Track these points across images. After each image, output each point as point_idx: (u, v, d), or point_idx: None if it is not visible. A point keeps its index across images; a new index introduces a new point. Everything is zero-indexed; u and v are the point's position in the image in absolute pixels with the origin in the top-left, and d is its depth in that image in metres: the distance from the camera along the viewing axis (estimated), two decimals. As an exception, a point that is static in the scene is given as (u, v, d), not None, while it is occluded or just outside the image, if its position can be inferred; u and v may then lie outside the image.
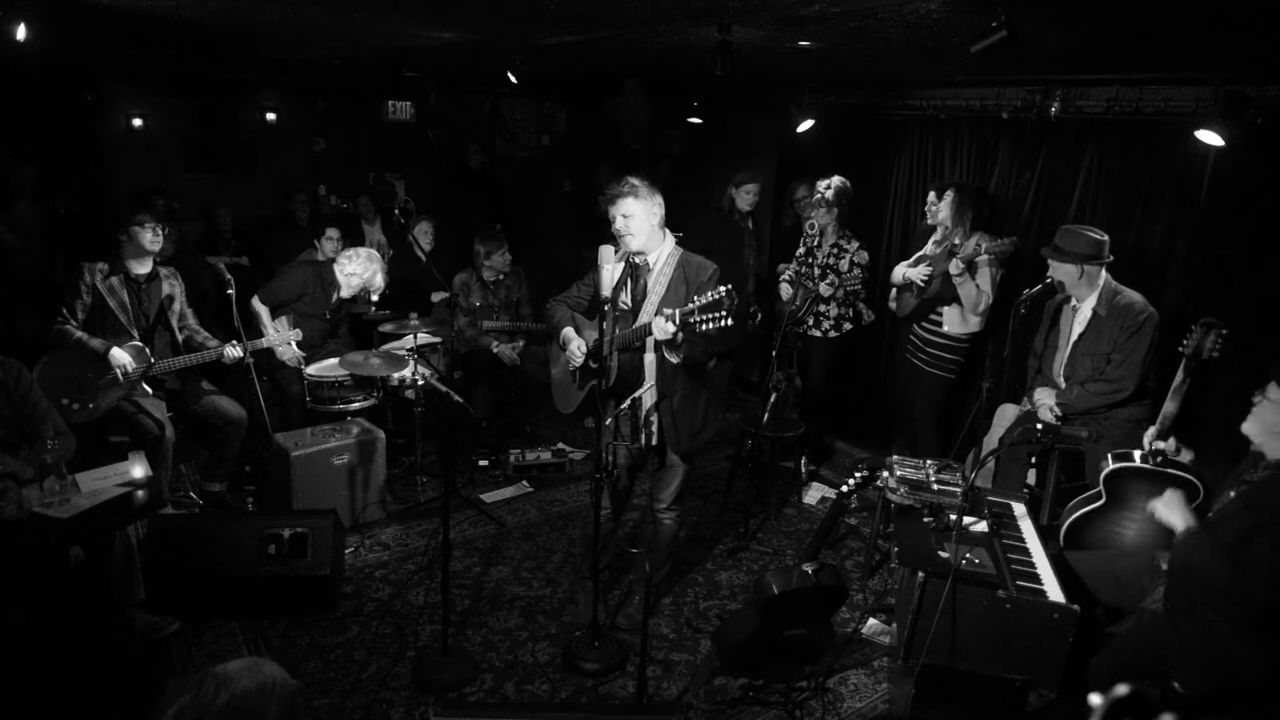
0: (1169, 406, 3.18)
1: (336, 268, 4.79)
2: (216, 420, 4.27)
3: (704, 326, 2.90)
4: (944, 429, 4.84)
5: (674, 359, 3.11)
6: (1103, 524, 3.29)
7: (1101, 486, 3.29)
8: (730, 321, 2.88)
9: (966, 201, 4.48)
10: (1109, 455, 3.31)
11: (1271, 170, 3.71)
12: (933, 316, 4.65)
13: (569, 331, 3.38)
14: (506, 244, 5.37)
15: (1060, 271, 3.66)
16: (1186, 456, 3.10)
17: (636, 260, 3.26)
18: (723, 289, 2.90)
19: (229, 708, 1.44)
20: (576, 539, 4.18)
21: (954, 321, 4.56)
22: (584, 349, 3.31)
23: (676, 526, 3.63)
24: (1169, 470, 3.12)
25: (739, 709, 3.17)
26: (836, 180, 4.80)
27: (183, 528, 3.69)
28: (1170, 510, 2.66)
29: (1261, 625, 2.35)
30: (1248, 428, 2.63)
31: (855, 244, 4.83)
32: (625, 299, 3.29)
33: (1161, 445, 3.13)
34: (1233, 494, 2.66)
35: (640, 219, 3.15)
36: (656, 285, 3.23)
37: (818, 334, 4.94)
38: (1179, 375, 3.19)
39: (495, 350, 5.22)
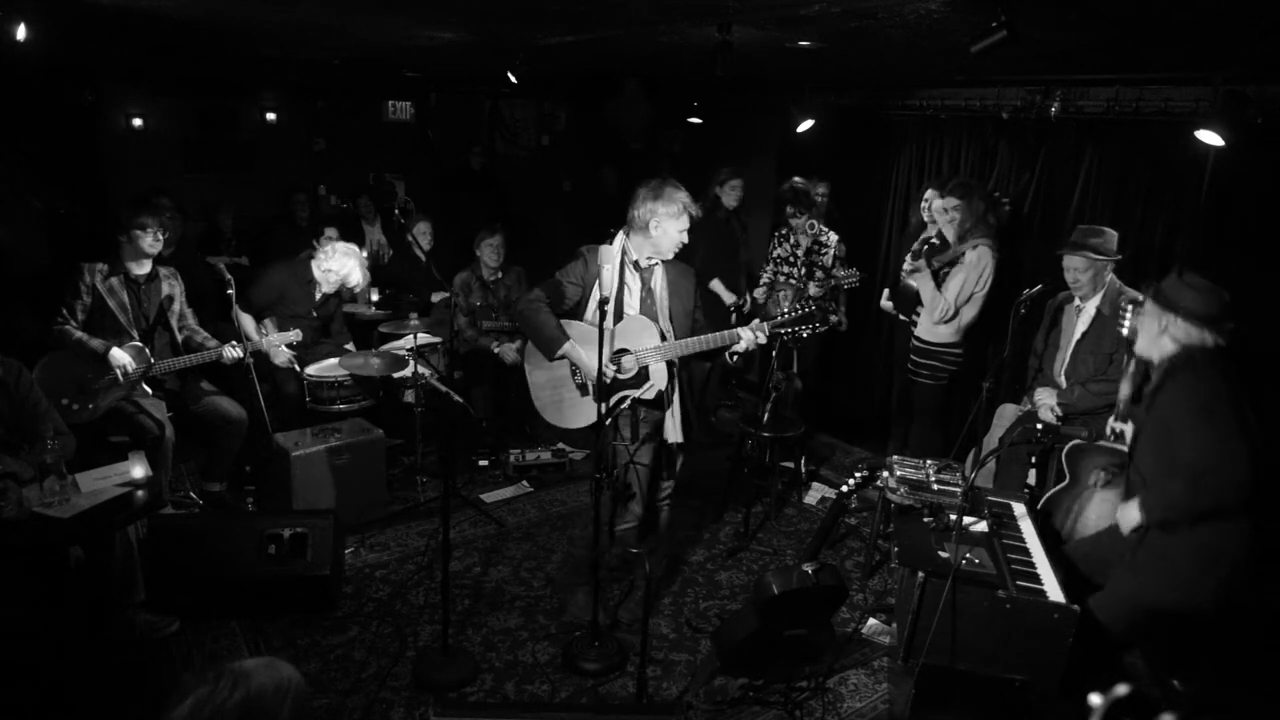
0: (1123, 390, 3.21)
1: (314, 264, 4.71)
2: (217, 420, 4.27)
3: (788, 335, 3.37)
4: (942, 430, 4.82)
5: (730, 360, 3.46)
6: (1067, 501, 3.34)
7: (1064, 465, 3.37)
8: (820, 329, 3.39)
9: (975, 207, 4.27)
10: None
11: (1271, 170, 3.71)
12: (914, 318, 4.63)
13: (574, 351, 3.29)
14: (499, 235, 5.27)
15: (1072, 266, 3.65)
16: None
17: (642, 263, 3.29)
18: (810, 304, 3.34)
19: (244, 704, 1.44)
20: (576, 538, 4.17)
21: (924, 326, 4.52)
22: (631, 366, 3.27)
23: (671, 514, 3.76)
24: (1119, 447, 3.18)
25: (739, 709, 3.17)
26: (798, 180, 5.04)
27: (183, 528, 3.68)
28: (1127, 517, 2.81)
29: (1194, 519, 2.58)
30: (1139, 347, 2.80)
31: (835, 237, 4.98)
32: (634, 302, 3.32)
33: (1121, 427, 3.17)
34: (1145, 411, 2.81)
35: None
36: (661, 287, 3.32)
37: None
38: (1124, 358, 3.24)
39: (495, 350, 5.21)
